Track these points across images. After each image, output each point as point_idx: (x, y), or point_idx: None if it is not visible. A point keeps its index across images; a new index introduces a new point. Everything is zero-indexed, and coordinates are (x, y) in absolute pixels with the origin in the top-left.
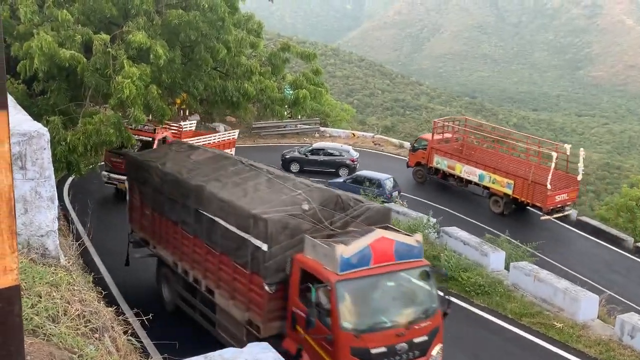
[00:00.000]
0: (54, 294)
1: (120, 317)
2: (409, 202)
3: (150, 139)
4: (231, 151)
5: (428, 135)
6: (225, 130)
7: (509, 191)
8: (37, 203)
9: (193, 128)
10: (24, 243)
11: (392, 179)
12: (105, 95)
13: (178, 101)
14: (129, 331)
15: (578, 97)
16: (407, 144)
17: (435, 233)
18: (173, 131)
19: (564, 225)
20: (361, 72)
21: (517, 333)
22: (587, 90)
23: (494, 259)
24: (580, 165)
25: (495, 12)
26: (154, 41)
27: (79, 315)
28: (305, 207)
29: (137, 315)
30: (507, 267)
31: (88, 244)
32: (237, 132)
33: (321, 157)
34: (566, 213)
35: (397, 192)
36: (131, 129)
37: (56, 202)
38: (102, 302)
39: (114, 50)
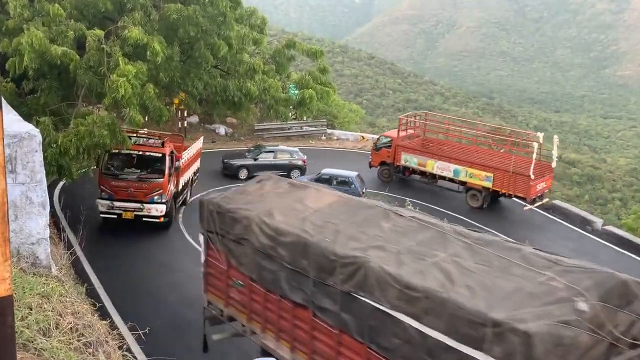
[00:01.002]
0: (45, 306)
1: (115, 331)
2: (380, 199)
3: (160, 155)
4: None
5: (391, 133)
6: (226, 133)
7: (489, 184)
8: (27, 209)
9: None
10: (13, 251)
11: (359, 175)
12: (99, 94)
13: (176, 101)
14: (124, 346)
15: (604, 97)
16: None
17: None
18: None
19: (590, 236)
20: (371, 70)
21: None
22: (614, 90)
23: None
24: (555, 153)
25: (515, 6)
26: (151, 37)
27: (71, 328)
28: (583, 306)
29: (131, 329)
30: None
31: (80, 253)
32: (201, 139)
33: (272, 161)
34: (544, 201)
35: (364, 189)
36: (136, 145)
37: (48, 208)
38: (95, 315)
39: (109, 46)
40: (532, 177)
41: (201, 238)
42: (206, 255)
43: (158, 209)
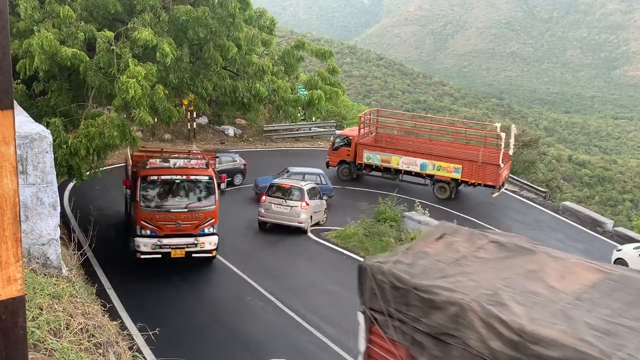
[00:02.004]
0: (56, 306)
1: (125, 332)
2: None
3: (207, 178)
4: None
5: (348, 132)
6: (235, 134)
7: (457, 175)
8: (38, 210)
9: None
10: (24, 252)
11: (324, 173)
12: (108, 95)
13: (185, 102)
14: (134, 347)
15: (614, 98)
16: None
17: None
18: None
19: (601, 237)
20: (380, 71)
21: None
22: (624, 91)
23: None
24: (512, 141)
25: (525, 7)
26: (161, 39)
27: (82, 329)
28: None
29: (141, 330)
30: None
31: (90, 254)
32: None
33: (217, 167)
34: (505, 187)
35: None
36: (175, 168)
37: (58, 208)
38: (105, 316)
39: (119, 48)
40: (502, 166)
41: (360, 317)
42: (368, 343)
43: (212, 242)
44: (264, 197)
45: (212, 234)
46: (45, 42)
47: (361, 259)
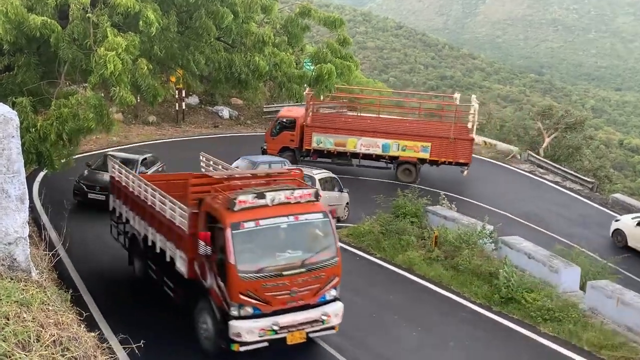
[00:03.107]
0: (25, 315)
1: (104, 345)
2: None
3: (321, 216)
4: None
5: (289, 113)
6: (230, 116)
7: (426, 155)
8: (3, 204)
9: None
10: None
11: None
12: (84, 71)
13: (173, 79)
14: None
15: None
16: None
17: (492, 244)
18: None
19: None
20: (399, 42)
21: None
22: None
23: (567, 276)
24: (473, 113)
25: None
26: (144, 4)
27: (54, 341)
28: None
29: (123, 342)
30: (582, 287)
31: (63, 254)
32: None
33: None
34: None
35: None
36: (276, 206)
37: (27, 202)
38: (82, 326)
39: (95, 16)
40: (475, 140)
41: None
42: None
43: (338, 313)
44: None
45: (335, 299)
46: (10, 8)
47: (377, 260)
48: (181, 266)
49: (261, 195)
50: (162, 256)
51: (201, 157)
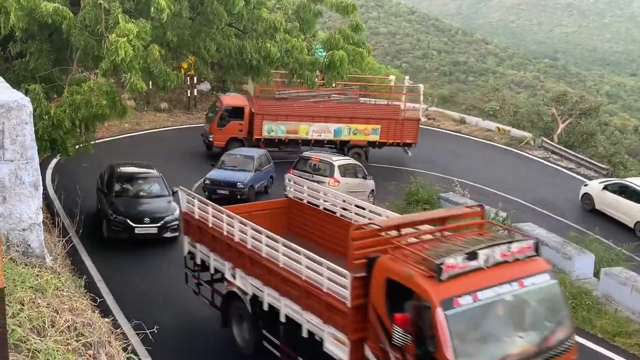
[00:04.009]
0: (39, 301)
1: (118, 330)
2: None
3: (549, 278)
4: None
5: (234, 101)
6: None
7: (376, 137)
8: (17, 190)
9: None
10: (2, 238)
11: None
12: (95, 58)
13: (184, 65)
14: (129, 347)
15: None
16: (470, 118)
17: (504, 232)
18: None
19: None
20: (412, 27)
21: (608, 357)
22: None
23: (580, 263)
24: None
25: None
26: None
27: (69, 327)
28: None
29: (136, 328)
30: (596, 274)
31: (76, 241)
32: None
33: None
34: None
35: None
36: (494, 268)
37: (40, 189)
38: (96, 312)
39: (107, 2)
40: (422, 119)
41: None
42: None
43: None
44: (291, 170)
45: None
46: None
47: None
48: (337, 350)
49: (472, 255)
50: (292, 326)
51: (287, 180)
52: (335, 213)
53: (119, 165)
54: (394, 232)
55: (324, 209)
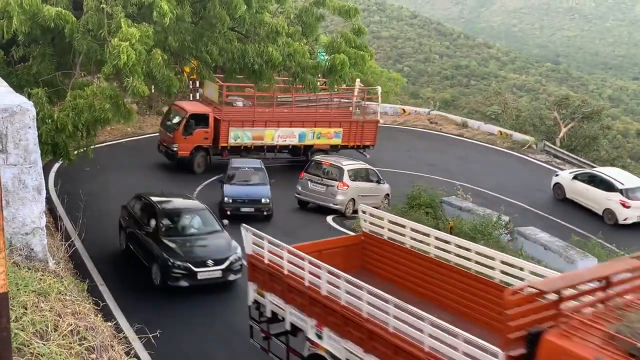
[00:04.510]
0: (42, 305)
1: (121, 334)
2: None
3: None
4: None
5: (196, 107)
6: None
7: (338, 141)
8: (20, 194)
9: None
10: (5, 242)
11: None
12: (98, 62)
13: (187, 69)
14: (132, 351)
15: None
16: (472, 122)
17: (507, 235)
18: None
19: None
20: (413, 31)
21: None
22: None
23: (583, 267)
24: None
25: None
26: None
27: (72, 331)
28: None
29: (139, 332)
30: None
31: (79, 245)
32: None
33: None
34: None
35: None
36: None
37: (44, 193)
38: (99, 316)
39: (109, 6)
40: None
41: None
42: None
43: None
44: (302, 174)
45: None
46: (25, 0)
47: None
48: None
49: None
50: None
51: (362, 212)
52: (428, 253)
53: (150, 196)
54: (553, 295)
55: (412, 247)
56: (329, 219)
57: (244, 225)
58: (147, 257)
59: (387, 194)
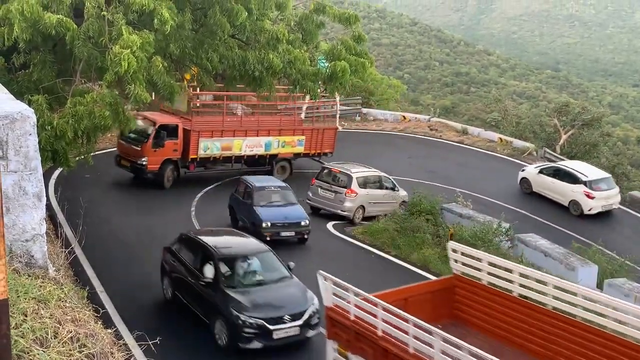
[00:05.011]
0: (42, 312)
1: (121, 342)
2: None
3: None
4: None
5: (163, 118)
6: (243, 112)
7: (301, 149)
8: (21, 201)
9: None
10: (5, 249)
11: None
12: (99, 69)
13: (187, 77)
14: (132, 358)
15: None
16: (473, 129)
17: (507, 242)
18: None
19: None
20: (414, 38)
21: None
22: None
23: (584, 274)
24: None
25: None
26: (159, 2)
27: (72, 338)
28: None
29: (138, 339)
30: (600, 285)
31: (79, 252)
32: None
33: None
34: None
35: None
36: None
37: (44, 200)
38: (99, 323)
39: (110, 14)
40: (340, 128)
41: None
42: None
43: None
44: (313, 180)
45: None
46: (26, 7)
47: (392, 258)
48: None
49: None
50: None
51: (451, 251)
52: (545, 305)
53: (200, 236)
54: None
55: (521, 295)
56: (329, 225)
57: (321, 272)
58: (206, 312)
59: (404, 201)
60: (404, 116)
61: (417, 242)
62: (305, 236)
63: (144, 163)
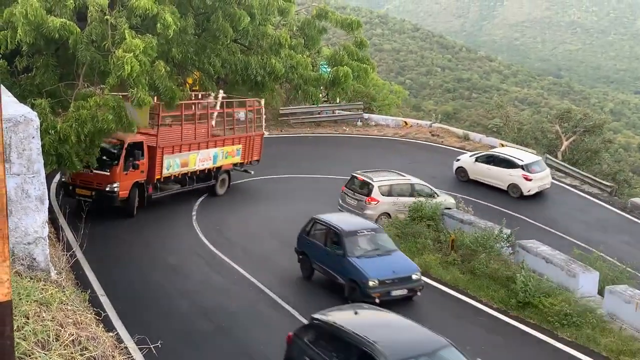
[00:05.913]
0: (44, 315)
1: (122, 345)
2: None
3: None
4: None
5: (132, 136)
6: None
7: (239, 158)
8: (23, 203)
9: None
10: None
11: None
12: (102, 73)
13: (190, 81)
14: None
15: None
16: (474, 135)
17: (508, 248)
18: None
19: None
20: (415, 44)
21: None
22: None
23: (585, 281)
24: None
25: None
26: (162, 7)
27: (73, 341)
28: None
29: (139, 342)
30: (601, 292)
31: (80, 255)
32: None
33: None
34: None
35: None
36: None
37: (46, 203)
38: (100, 326)
39: (113, 18)
40: (266, 134)
41: None
42: None
43: None
44: (343, 187)
45: None
46: (30, 10)
47: None
48: None
49: None
50: None
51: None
52: None
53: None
54: None
55: None
56: None
57: None
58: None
59: (448, 208)
60: (405, 122)
61: (418, 248)
62: (418, 293)
63: (115, 190)
